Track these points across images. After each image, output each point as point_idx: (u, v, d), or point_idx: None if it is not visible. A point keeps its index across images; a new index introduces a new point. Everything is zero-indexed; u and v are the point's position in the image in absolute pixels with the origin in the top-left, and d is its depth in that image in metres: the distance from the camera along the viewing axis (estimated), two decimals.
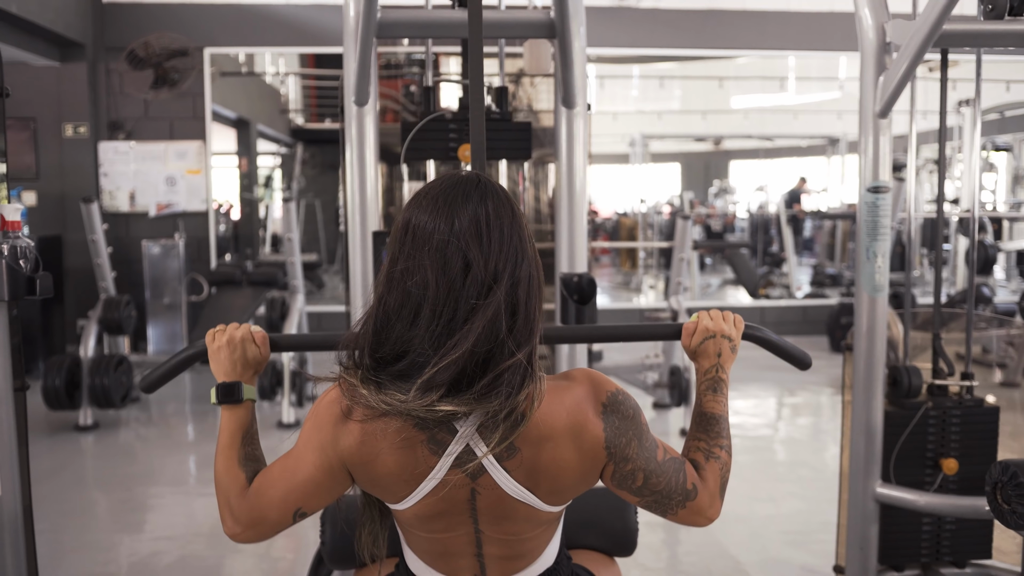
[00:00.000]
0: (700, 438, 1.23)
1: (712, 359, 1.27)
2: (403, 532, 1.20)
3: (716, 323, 1.28)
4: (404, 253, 1.05)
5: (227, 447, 1.20)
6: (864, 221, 2.14)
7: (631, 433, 1.11)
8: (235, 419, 1.21)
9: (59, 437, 4.46)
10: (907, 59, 1.93)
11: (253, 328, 1.25)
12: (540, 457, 1.07)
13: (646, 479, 1.12)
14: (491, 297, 1.02)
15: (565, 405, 1.08)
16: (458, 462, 1.06)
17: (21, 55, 5.80)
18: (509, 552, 1.16)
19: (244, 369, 1.23)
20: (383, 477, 1.09)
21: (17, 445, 1.64)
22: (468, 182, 1.08)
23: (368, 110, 2.03)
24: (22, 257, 1.59)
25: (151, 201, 6.51)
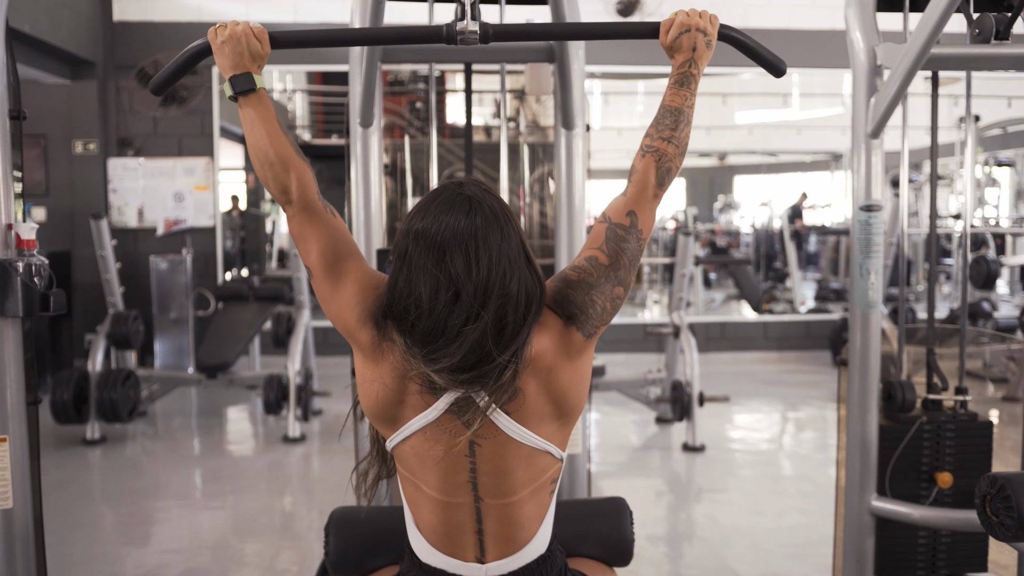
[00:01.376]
0: (648, 133, 1.30)
1: (687, 53, 1.32)
2: (409, 498, 1.27)
3: (692, 18, 1.32)
4: (404, 270, 1.16)
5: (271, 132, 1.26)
6: (857, 239, 2.19)
7: (587, 299, 1.22)
8: (260, 106, 1.27)
9: (67, 451, 4.50)
10: (897, 81, 1.98)
11: (253, 24, 1.31)
12: (542, 387, 1.18)
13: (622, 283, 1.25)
14: (478, 321, 1.11)
15: (545, 337, 1.19)
16: (455, 407, 1.16)
17: (33, 73, 5.89)
18: (506, 529, 1.23)
19: (249, 62, 1.28)
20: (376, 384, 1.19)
21: (29, 458, 1.68)
22: (460, 203, 1.15)
23: (373, 131, 2.09)
24: (36, 275, 1.64)
25: (159, 217, 6.58)
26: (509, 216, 1.17)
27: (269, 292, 5.55)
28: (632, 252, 1.25)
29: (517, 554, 1.25)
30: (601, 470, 4.14)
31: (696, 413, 4.47)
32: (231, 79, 1.28)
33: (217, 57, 1.30)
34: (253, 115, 1.27)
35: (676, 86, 1.31)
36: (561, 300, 1.23)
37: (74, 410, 4.53)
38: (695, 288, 8.16)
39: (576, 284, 1.23)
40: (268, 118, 1.27)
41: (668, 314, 4.91)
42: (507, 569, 1.25)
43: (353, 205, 2.17)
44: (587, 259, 1.25)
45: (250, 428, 5.27)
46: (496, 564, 1.25)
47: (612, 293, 1.24)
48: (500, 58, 2.04)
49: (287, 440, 4.66)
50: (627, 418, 5.21)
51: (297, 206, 1.27)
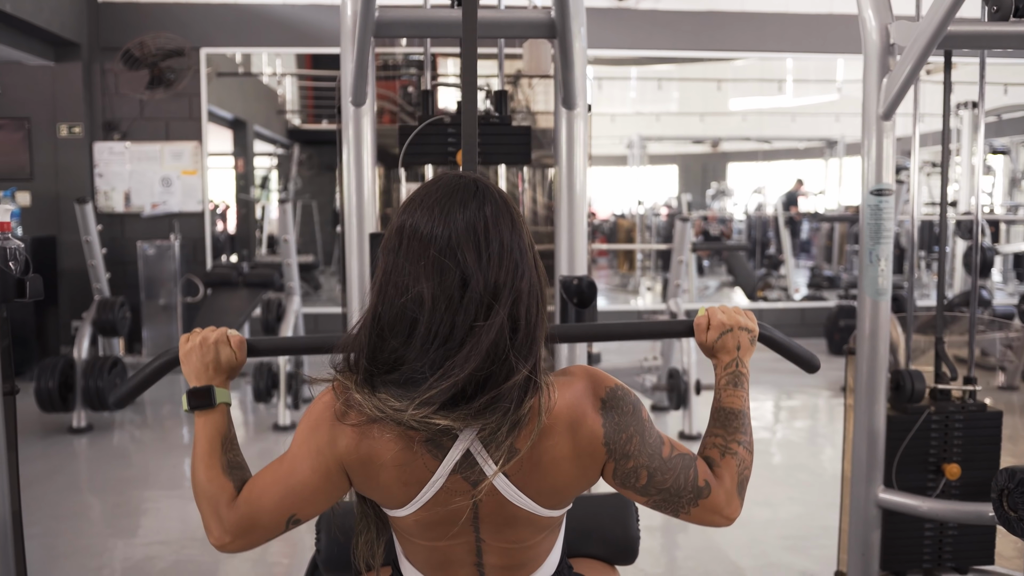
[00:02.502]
0: (717, 434, 1.18)
1: (732, 353, 1.24)
2: (400, 542, 1.17)
3: (731, 316, 1.24)
4: (398, 265, 1.01)
5: (207, 455, 1.14)
6: (867, 224, 2.12)
7: (632, 429, 1.08)
8: (211, 424, 1.15)
9: (52, 439, 4.42)
10: (911, 61, 1.91)
11: (230, 332, 1.20)
12: (540, 456, 1.04)
13: (650, 477, 1.09)
14: (492, 318, 0.98)
15: (564, 400, 1.05)
16: (459, 467, 1.03)
17: (16, 55, 5.76)
18: (510, 561, 1.14)
19: (216, 373, 1.17)
20: (382, 478, 1.06)
21: (7, 449, 1.61)
22: (465, 188, 1.03)
23: (365, 111, 2.01)
24: (12, 259, 1.56)
25: (146, 202, 6.48)
26: (516, 207, 1.06)
27: (259, 278, 5.47)
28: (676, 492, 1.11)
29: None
30: None
31: (693, 401, 4.42)
32: (187, 392, 1.16)
33: (183, 366, 1.19)
34: (200, 434, 1.14)
35: (731, 387, 1.22)
36: (615, 397, 1.08)
37: (60, 398, 4.44)
38: (689, 275, 8.11)
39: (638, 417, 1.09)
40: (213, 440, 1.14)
41: (663, 301, 4.85)
42: None
43: (345, 188, 2.09)
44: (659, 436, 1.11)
45: (240, 416, 5.20)
46: None
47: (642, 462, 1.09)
48: (499, 33, 1.97)
49: (277, 428, 4.59)
50: None
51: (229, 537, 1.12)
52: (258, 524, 1.10)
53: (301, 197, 10.88)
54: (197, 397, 1.15)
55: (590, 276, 2.04)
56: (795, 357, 1.34)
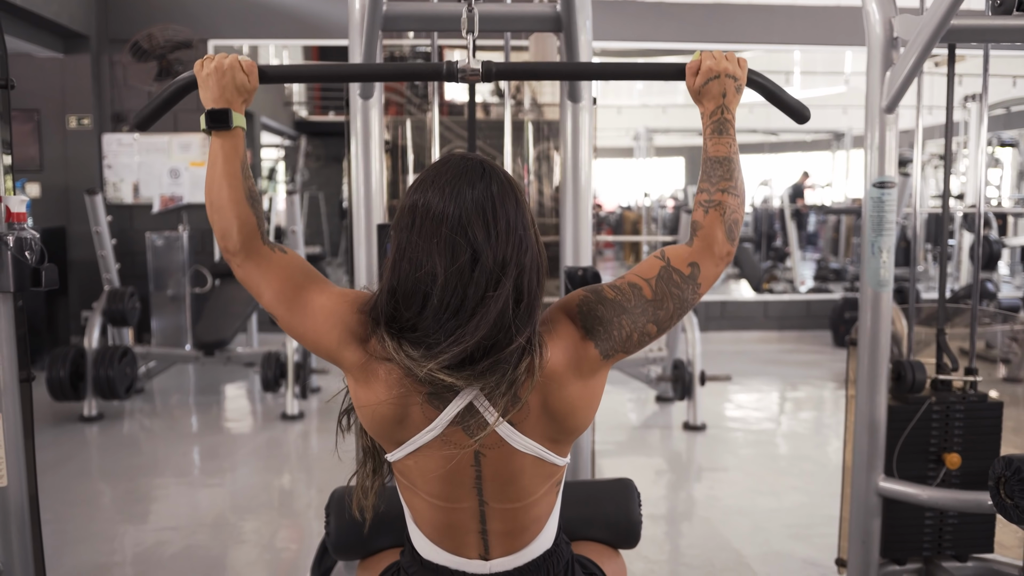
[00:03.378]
0: (703, 188, 1.24)
1: (717, 100, 1.26)
2: (408, 503, 1.22)
3: (719, 62, 1.26)
4: (411, 242, 1.07)
5: (229, 174, 1.19)
6: (869, 216, 2.14)
7: (615, 320, 1.14)
8: (229, 143, 1.21)
9: (64, 428, 4.47)
10: (914, 54, 1.92)
11: (241, 57, 1.25)
12: (548, 400, 1.11)
13: (657, 323, 1.17)
14: (500, 289, 1.04)
15: (558, 347, 1.12)
16: (460, 420, 1.09)
17: (25, 47, 5.80)
18: (512, 526, 1.19)
19: (233, 96, 1.22)
20: (373, 407, 1.11)
21: (23, 436, 1.64)
22: (473, 169, 1.09)
23: (373, 103, 2.03)
24: (27, 249, 1.59)
25: (155, 193, 6.52)
26: (519, 187, 1.13)
27: None
28: (683, 301, 1.18)
29: (523, 551, 1.21)
30: (602, 448, 4.12)
31: (697, 392, 4.44)
32: (207, 112, 1.21)
33: (201, 90, 1.23)
34: (218, 152, 1.20)
35: (715, 135, 1.25)
36: (587, 312, 1.14)
37: (71, 387, 4.49)
38: None
39: (609, 302, 1.15)
40: (231, 159, 1.20)
41: None
42: (512, 565, 1.21)
43: (353, 180, 2.12)
44: (630, 284, 1.17)
45: (248, 405, 5.24)
46: (501, 561, 1.20)
47: (644, 328, 1.15)
48: (505, 26, 1.99)
49: (285, 417, 4.63)
50: (627, 396, 5.19)
51: (240, 255, 1.19)
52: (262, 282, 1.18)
53: (308, 189, 10.91)
54: (216, 118, 1.20)
55: (595, 267, 2.06)
56: (784, 105, 1.33)
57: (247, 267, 1.19)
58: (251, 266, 1.19)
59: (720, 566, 2.81)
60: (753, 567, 2.79)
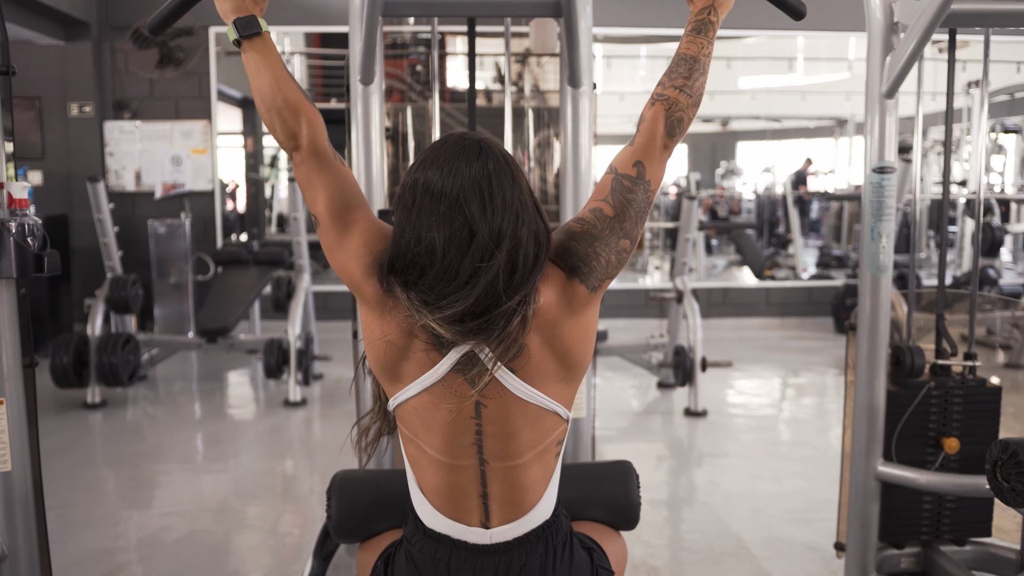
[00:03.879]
0: (660, 82, 1.27)
1: (707, 0, 1.29)
2: (411, 459, 1.24)
3: None
4: (411, 219, 1.12)
5: (277, 76, 1.23)
6: (869, 202, 2.14)
7: (589, 251, 1.19)
8: (266, 49, 1.24)
9: (67, 415, 4.50)
10: (915, 39, 1.92)
11: None
12: (546, 342, 1.16)
13: (627, 236, 1.22)
14: (492, 261, 1.09)
15: (548, 290, 1.16)
16: (460, 367, 1.13)
17: (26, 34, 5.79)
18: (511, 493, 1.21)
19: (253, 3, 1.26)
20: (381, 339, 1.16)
21: (27, 421, 1.66)
22: (471, 147, 1.13)
23: (374, 89, 2.03)
24: (30, 235, 1.60)
25: (157, 180, 6.52)
26: (516, 163, 1.16)
27: (269, 256, 5.51)
28: (639, 204, 1.22)
29: (522, 519, 1.23)
30: (603, 434, 4.13)
31: (699, 378, 4.46)
32: (235, 22, 1.23)
33: (217, 1, 1.26)
34: (258, 59, 1.23)
35: (692, 33, 1.27)
36: (564, 252, 1.20)
37: (74, 374, 4.51)
38: (697, 253, 8.12)
39: (579, 236, 1.20)
40: (273, 62, 1.24)
41: (671, 279, 4.87)
42: (512, 535, 1.23)
43: (353, 166, 2.12)
44: (591, 211, 1.22)
45: (251, 392, 5.27)
46: (501, 529, 1.23)
47: (618, 246, 1.21)
48: (505, 12, 1.98)
49: (288, 404, 4.66)
50: (628, 383, 5.20)
51: (306, 152, 1.24)
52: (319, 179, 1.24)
53: None
54: (245, 24, 1.23)
55: None
56: (780, 3, 1.36)
57: (310, 164, 1.24)
58: (314, 164, 1.23)
59: (720, 551, 2.82)
60: (753, 552, 2.81)
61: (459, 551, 1.22)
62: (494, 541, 1.23)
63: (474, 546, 1.22)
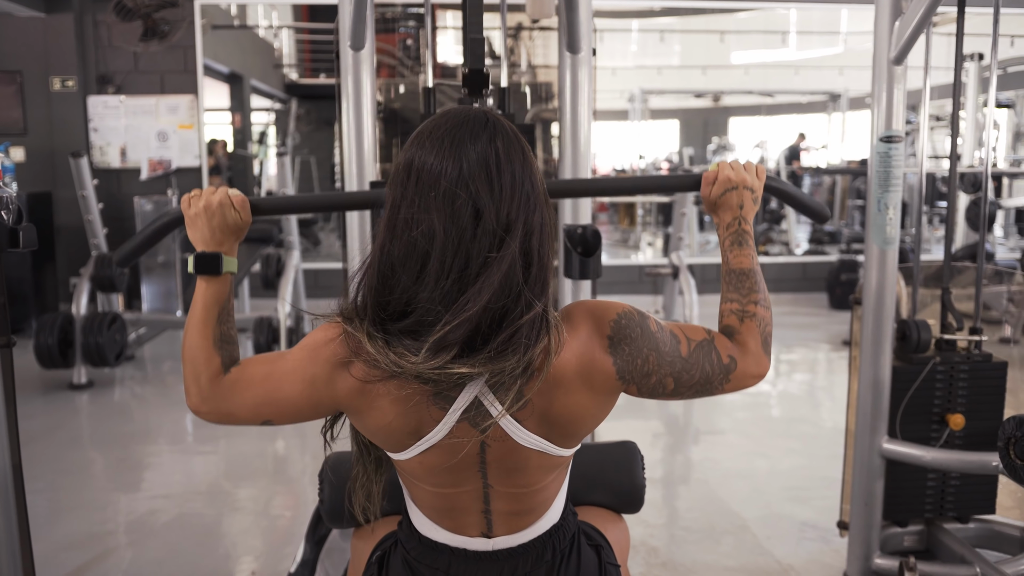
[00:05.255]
0: (732, 299, 1.17)
1: (734, 211, 1.20)
2: (407, 486, 1.16)
3: (738, 173, 1.21)
4: (407, 198, 0.97)
5: (202, 322, 1.12)
6: (876, 172, 2.08)
7: (645, 350, 1.06)
8: (212, 292, 1.13)
9: (53, 396, 4.42)
10: (925, 2, 1.85)
11: (231, 191, 1.17)
12: (552, 405, 1.03)
13: (677, 380, 1.08)
14: (505, 249, 0.95)
15: (572, 350, 1.02)
16: (466, 415, 1.01)
17: (5, 5, 5.65)
18: (517, 507, 1.13)
19: (224, 236, 1.15)
20: (382, 427, 1.04)
21: (5, 402, 1.59)
22: (476, 120, 0.99)
23: (365, 56, 1.95)
24: (4, 208, 1.52)
25: (143, 156, 6.40)
26: (526, 142, 1.03)
27: (258, 234, 5.42)
28: (708, 381, 1.10)
29: (528, 529, 1.15)
30: None
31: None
32: (196, 256, 1.13)
33: (188, 230, 1.15)
34: (199, 300, 1.12)
35: (736, 247, 1.18)
36: (624, 327, 1.05)
37: (59, 355, 4.43)
38: (691, 229, 8.07)
39: (649, 334, 1.06)
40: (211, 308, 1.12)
41: (665, 255, 4.82)
42: (517, 543, 1.14)
43: (344, 137, 2.04)
44: (672, 333, 1.09)
45: None
46: (504, 539, 1.14)
47: (664, 376, 1.07)
48: None
49: None
50: None
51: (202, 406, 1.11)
52: (234, 414, 1.11)
53: (300, 153, 10.77)
54: (204, 263, 1.13)
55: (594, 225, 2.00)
56: (804, 208, 1.32)
57: (210, 412, 1.11)
58: (213, 406, 1.10)
59: (721, 529, 2.79)
60: (754, 530, 2.78)
61: (458, 559, 1.14)
62: (496, 548, 1.14)
63: (475, 553, 1.14)
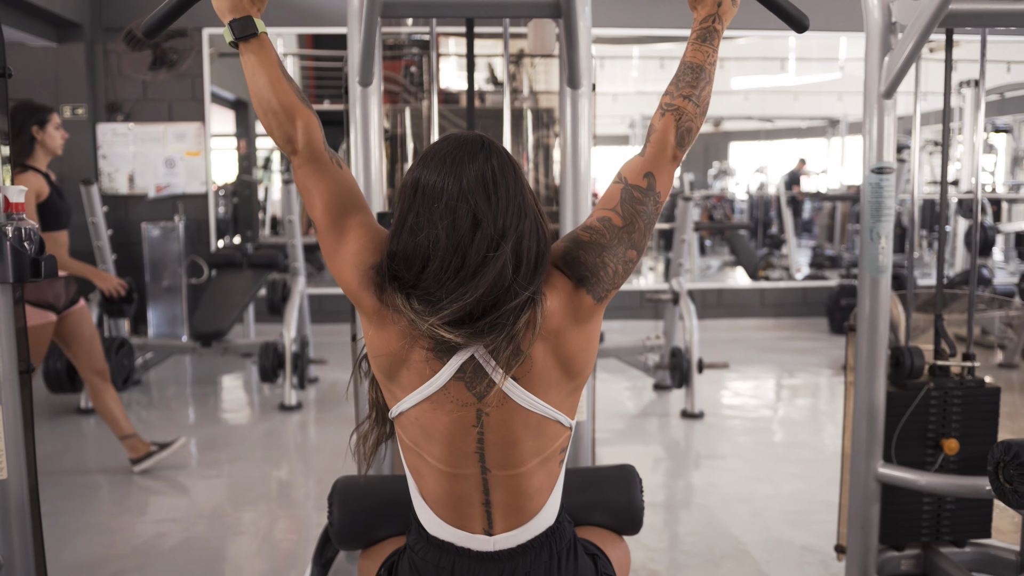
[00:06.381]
0: (668, 91, 1.27)
1: (711, 8, 1.29)
2: (413, 475, 1.23)
3: None
4: (414, 210, 1.11)
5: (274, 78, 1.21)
6: (868, 202, 2.14)
7: (598, 262, 1.18)
8: (262, 51, 1.22)
9: (61, 420, 4.46)
10: (913, 38, 1.92)
11: None
12: (549, 350, 1.15)
13: (633, 247, 1.21)
14: (499, 251, 1.08)
15: (554, 298, 1.15)
16: (461, 374, 1.13)
17: (18, 35, 5.75)
18: (514, 500, 1.20)
19: (250, 3, 1.23)
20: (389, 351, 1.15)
21: (23, 428, 1.64)
22: (473, 142, 1.14)
23: (372, 91, 2.02)
24: (27, 239, 1.58)
25: (150, 183, 6.49)
26: (518, 163, 1.17)
27: (263, 259, 5.49)
28: (649, 215, 1.22)
29: (526, 526, 1.22)
30: (600, 437, 4.12)
31: (695, 380, 4.45)
32: (231, 23, 1.22)
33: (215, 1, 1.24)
34: (255, 61, 1.21)
35: (698, 42, 1.27)
36: (571, 261, 1.19)
37: (67, 379, 4.47)
38: (691, 254, 8.13)
39: (588, 245, 1.19)
40: (270, 64, 1.22)
41: (666, 280, 4.87)
42: (516, 541, 1.22)
43: (352, 168, 2.11)
44: (600, 220, 1.21)
45: (245, 396, 5.24)
46: (504, 536, 1.22)
47: (625, 256, 1.20)
48: (504, 12, 1.97)
49: (283, 408, 4.63)
50: (624, 385, 5.20)
51: (303, 156, 1.23)
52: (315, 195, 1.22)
53: None
54: (240, 26, 1.21)
55: None
56: (783, 13, 1.35)
57: (306, 169, 1.22)
58: (311, 169, 1.22)
59: (720, 553, 2.82)
60: (753, 554, 2.80)
61: (463, 559, 1.21)
62: (498, 548, 1.22)
63: (478, 553, 1.21)
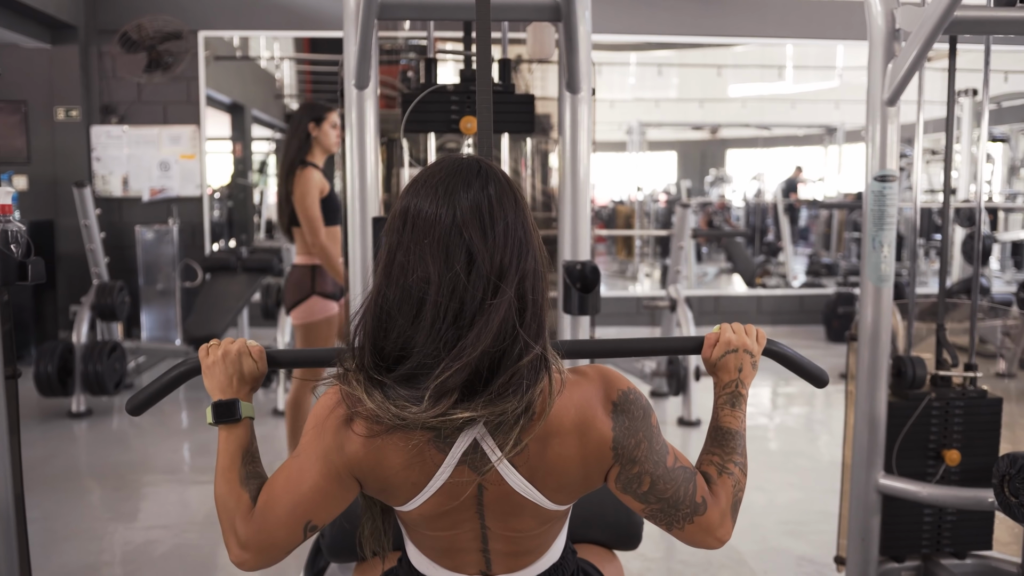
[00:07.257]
0: (714, 452, 1.18)
1: (732, 374, 1.22)
2: (407, 530, 1.17)
3: (739, 337, 1.22)
4: (403, 245, 0.99)
5: (227, 469, 1.12)
6: (870, 210, 2.12)
7: (641, 434, 1.06)
8: (234, 439, 1.14)
9: (51, 424, 4.42)
10: (917, 46, 1.90)
11: (249, 342, 1.18)
12: (545, 453, 1.03)
13: (653, 484, 1.07)
14: (501, 295, 0.97)
15: (574, 401, 1.03)
16: (465, 458, 1.02)
17: (12, 37, 5.72)
18: (515, 548, 1.13)
19: (241, 385, 1.16)
20: (390, 480, 1.04)
21: (9, 433, 1.60)
22: (469, 168, 1.02)
23: (368, 94, 1.99)
24: (13, 242, 1.55)
25: (144, 186, 6.46)
26: (519, 188, 1.05)
27: (257, 263, 5.46)
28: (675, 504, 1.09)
29: (528, 568, 1.16)
30: None
31: (692, 387, 4.43)
32: (214, 405, 1.14)
33: (205, 379, 1.17)
34: (223, 449, 1.13)
35: (728, 407, 1.21)
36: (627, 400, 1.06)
37: (59, 382, 4.44)
38: (688, 261, 8.11)
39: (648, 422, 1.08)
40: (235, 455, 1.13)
41: (663, 287, 4.85)
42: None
43: (348, 173, 2.08)
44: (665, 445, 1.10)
45: None
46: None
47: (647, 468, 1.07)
48: (504, 16, 1.95)
49: (276, 413, 4.59)
50: None
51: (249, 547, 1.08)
52: (275, 537, 1.07)
53: None
54: (223, 411, 1.13)
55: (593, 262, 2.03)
56: (804, 372, 1.33)
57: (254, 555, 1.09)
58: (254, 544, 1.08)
59: (717, 563, 2.79)
60: (750, 564, 2.77)
61: None
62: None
63: None
